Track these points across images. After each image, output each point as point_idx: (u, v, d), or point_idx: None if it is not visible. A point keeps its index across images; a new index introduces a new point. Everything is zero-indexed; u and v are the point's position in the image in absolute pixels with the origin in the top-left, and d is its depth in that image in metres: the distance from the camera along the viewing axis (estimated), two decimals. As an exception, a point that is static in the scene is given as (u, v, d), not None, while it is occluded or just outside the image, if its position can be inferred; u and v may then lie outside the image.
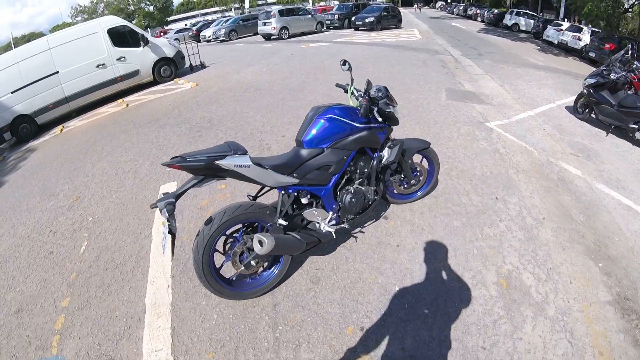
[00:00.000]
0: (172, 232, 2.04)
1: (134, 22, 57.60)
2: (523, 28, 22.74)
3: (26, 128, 9.84)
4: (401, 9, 27.37)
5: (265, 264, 2.69)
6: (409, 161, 3.21)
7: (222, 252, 2.53)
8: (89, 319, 2.85)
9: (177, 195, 2.09)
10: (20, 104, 9.61)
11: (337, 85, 3.18)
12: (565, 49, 16.07)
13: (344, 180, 2.74)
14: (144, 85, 11.32)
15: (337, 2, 39.17)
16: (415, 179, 3.39)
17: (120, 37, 10.56)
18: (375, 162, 2.80)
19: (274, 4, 52.66)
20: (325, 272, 2.81)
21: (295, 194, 2.53)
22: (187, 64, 12.65)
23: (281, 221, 2.44)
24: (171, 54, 11.50)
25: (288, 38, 18.93)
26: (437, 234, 3.08)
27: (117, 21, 10.97)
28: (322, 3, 45.41)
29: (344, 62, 2.98)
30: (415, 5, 41.55)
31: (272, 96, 7.87)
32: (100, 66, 10.30)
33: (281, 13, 19.12)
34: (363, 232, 3.18)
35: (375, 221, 3.32)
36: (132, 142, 6.67)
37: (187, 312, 2.65)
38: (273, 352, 2.27)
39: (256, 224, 2.52)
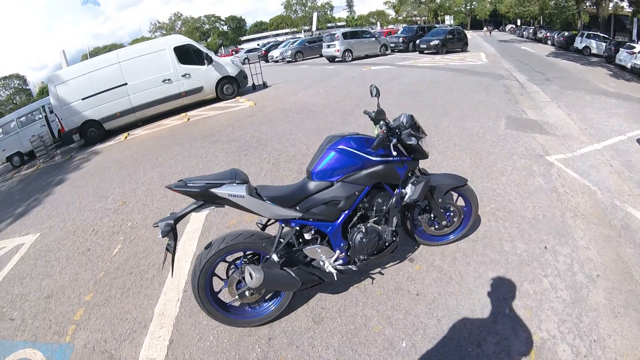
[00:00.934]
0: (169, 251, 2.12)
1: (208, 40, 62.24)
2: (594, 51, 21.02)
3: (94, 132, 10.93)
4: (470, 32, 26.67)
5: (267, 296, 2.56)
6: (440, 200, 2.80)
7: (223, 277, 2.48)
8: (104, 316, 3.09)
9: (177, 218, 2.11)
10: (89, 110, 10.73)
11: (365, 112, 2.95)
12: (639, 74, 14.44)
13: (356, 217, 2.47)
14: (207, 102, 12.04)
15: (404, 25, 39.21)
16: (448, 220, 2.95)
17: (186, 55, 11.37)
18: (394, 200, 2.48)
19: (343, 26, 53.80)
20: (330, 312, 2.58)
21: (298, 228, 2.36)
22: (250, 83, 13.19)
23: (274, 257, 2.29)
24: (234, 73, 12.11)
25: (351, 60, 19.14)
26: (465, 286, 2.68)
27: (183, 40, 11.86)
28: (390, 26, 45.61)
29: (373, 88, 2.78)
30: (485, 29, 40.33)
31: (323, 119, 7.86)
32: (166, 81, 11.15)
33: (345, 36, 19.40)
34: (382, 274, 2.85)
35: (399, 263, 2.97)
36: (183, 155, 7.02)
37: (188, 328, 2.68)
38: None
39: (259, 254, 2.40)
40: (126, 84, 10.82)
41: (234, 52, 34.26)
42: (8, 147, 12.93)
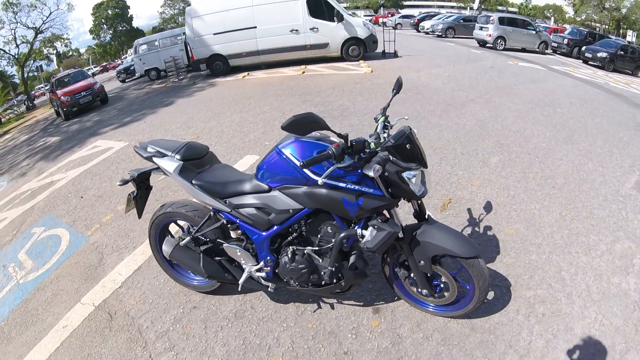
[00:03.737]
0: (130, 198, 2.38)
1: (368, -2, 60.26)
2: None
3: (219, 65, 12.11)
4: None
5: None
6: (422, 262, 1.98)
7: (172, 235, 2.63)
8: (119, 227, 3.81)
9: (140, 174, 2.31)
10: (218, 45, 11.86)
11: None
12: None
13: (291, 236, 2.05)
14: (330, 59, 12.00)
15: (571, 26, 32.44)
16: (437, 291, 2.15)
17: (317, 9, 11.38)
18: (340, 237, 1.88)
19: (515, 12, 47.07)
20: (254, 315, 2.40)
21: (225, 221, 2.16)
22: (381, 50, 12.60)
23: (187, 239, 2.28)
24: (363, 35, 11.69)
25: (503, 50, 16.73)
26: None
27: None
28: (565, 25, 38.38)
29: (397, 82, 2.25)
30: None
31: (422, 106, 7.11)
32: (294, 31, 11.44)
33: (501, 21, 16.84)
34: (332, 308, 2.41)
35: (362, 306, 2.41)
36: (271, 106, 7.27)
37: (156, 264, 2.93)
38: (151, 345, 2.34)
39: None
40: (256, 27, 11.48)
41: (389, 15, 32.99)
42: (148, 62, 15.71)
